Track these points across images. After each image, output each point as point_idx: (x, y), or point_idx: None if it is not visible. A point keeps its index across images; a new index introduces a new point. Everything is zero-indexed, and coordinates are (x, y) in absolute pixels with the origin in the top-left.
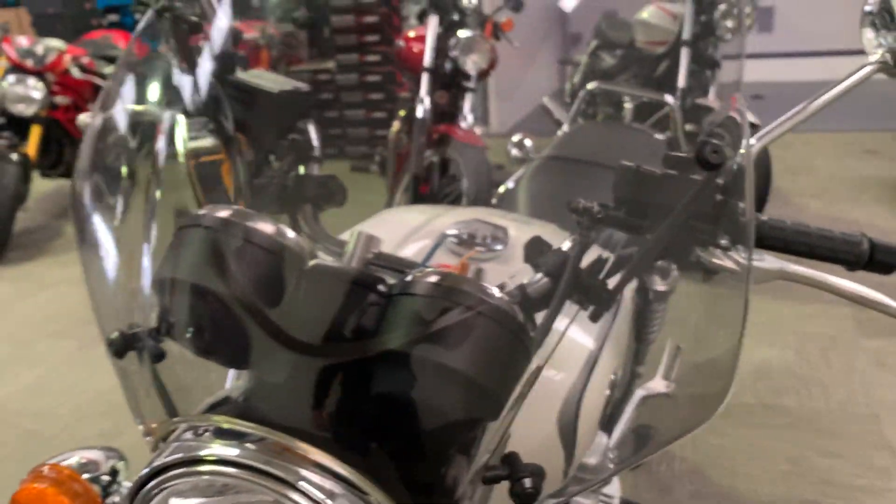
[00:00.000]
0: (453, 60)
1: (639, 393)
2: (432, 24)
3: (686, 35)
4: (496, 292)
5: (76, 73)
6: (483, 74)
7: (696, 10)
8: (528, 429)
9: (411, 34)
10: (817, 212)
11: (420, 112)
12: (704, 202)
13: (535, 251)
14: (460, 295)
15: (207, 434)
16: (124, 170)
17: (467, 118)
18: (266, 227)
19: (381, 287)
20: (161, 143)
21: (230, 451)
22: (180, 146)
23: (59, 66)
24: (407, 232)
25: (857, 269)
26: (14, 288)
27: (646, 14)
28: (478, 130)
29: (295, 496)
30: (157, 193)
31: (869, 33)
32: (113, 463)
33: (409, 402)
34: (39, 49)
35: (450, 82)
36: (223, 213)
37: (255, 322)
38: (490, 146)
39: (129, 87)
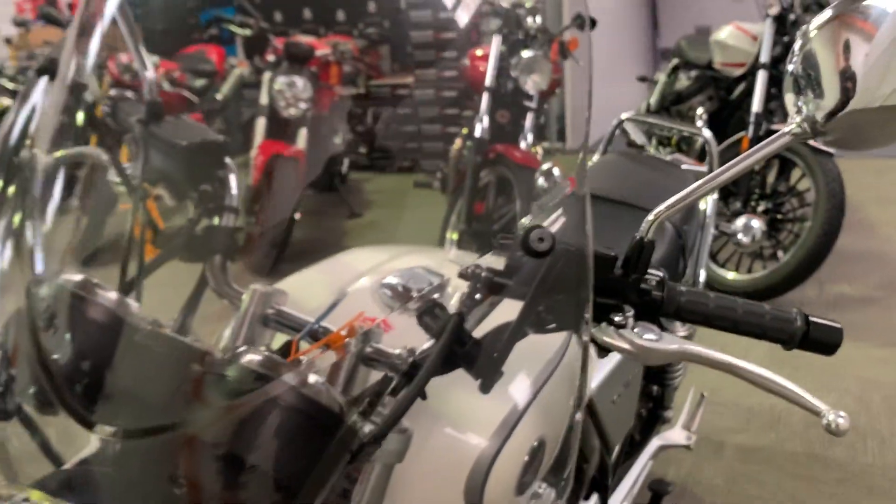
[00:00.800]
0: (514, 80)
1: (655, 442)
2: (495, 44)
3: (764, 57)
4: (312, 378)
5: (167, 86)
6: (545, 95)
7: (776, 30)
8: (430, 495)
9: (479, 52)
10: None
11: (478, 131)
12: (556, 284)
13: (430, 313)
14: (266, 381)
15: None
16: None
17: (527, 138)
18: (103, 298)
19: (196, 365)
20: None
21: None
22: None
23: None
24: (351, 277)
25: (791, 348)
26: None
27: (723, 34)
28: (538, 150)
29: None
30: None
31: (790, 97)
32: None
33: (212, 493)
34: (136, 65)
35: (511, 102)
36: (65, 281)
37: (68, 396)
38: (564, 164)
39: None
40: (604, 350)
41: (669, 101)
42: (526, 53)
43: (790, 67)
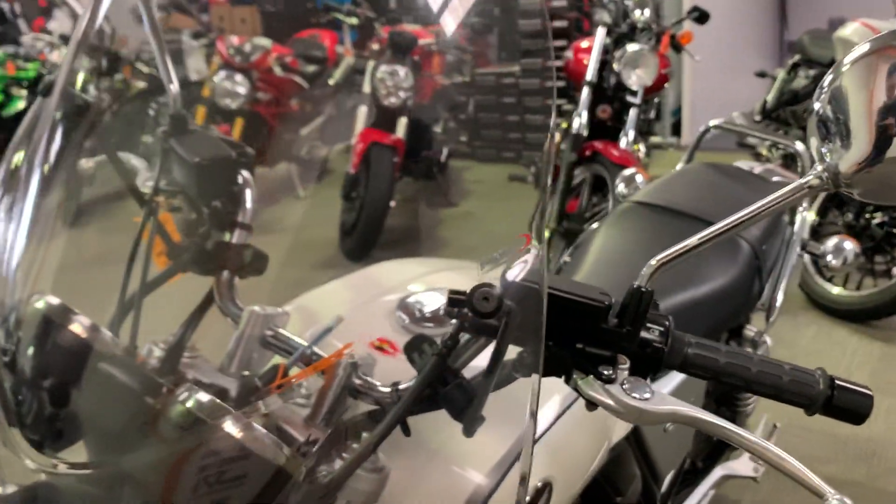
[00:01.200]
0: (617, 75)
1: (718, 471)
2: (599, 36)
3: None
4: (255, 429)
5: (278, 71)
6: (651, 91)
7: None
8: None
9: (584, 44)
10: None
11: (575, 126)
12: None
13: (416, 348)
14: (203, 426)
15: None
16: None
17: (628, 136)
18: (74, 323)
19: (147, 399)
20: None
21: None
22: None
23: (263, 63)
24: (376, 293)
25: (812, 414)
26: None
27: (848, 31)
28: (639, 148)
29: None
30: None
31: (814, 142)
32: None
33: None
34: (247, 47)
35: (613, 97)
36: (38, 303)
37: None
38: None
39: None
40: (591, 404)
41: (785, 101)
42: (631, 47)
43: (816, 106)
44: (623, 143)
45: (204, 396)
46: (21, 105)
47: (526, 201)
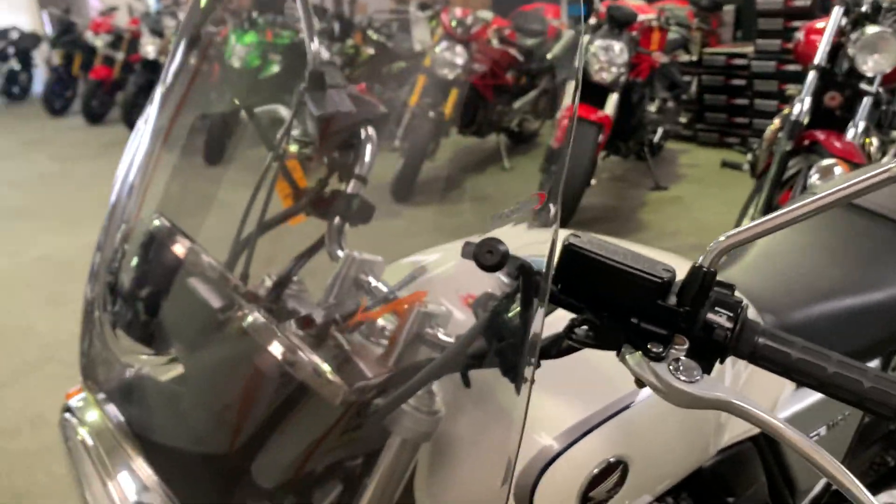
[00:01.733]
0: (851, 59)
1: (884, 497)
2: (834, 16)
3: None
4: (298, 354)
5: (495, 43)
6: (890, 79)
7: None
8: (475, 484)
9: (818, 25)
10: None
11: (795, 111)
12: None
13: (481, 304)
14: (248, 341)
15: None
16: None
17: (857, 127)
18: (179, 244)
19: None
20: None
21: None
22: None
23: (482, 35)
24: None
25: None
26: None
27: None
28: (871, 141)
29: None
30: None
31: None
32: None
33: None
34: (469, 20)
35: (845, 83)
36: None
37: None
38: None
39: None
40: (640, 381)
41: None
42: (871, 29)
43: None
44: (850, 134)
45: (260, 318)
46: (276, 69)
47: (740, 190)
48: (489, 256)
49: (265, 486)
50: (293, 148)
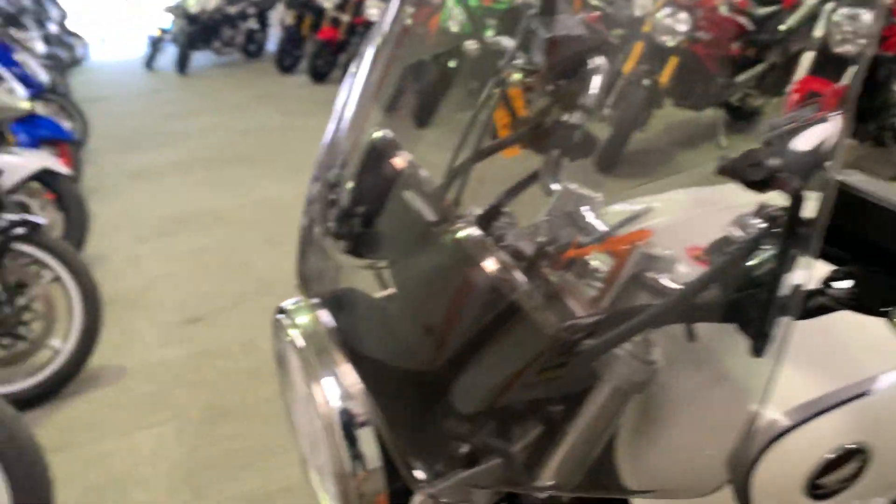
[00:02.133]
0: None
1: None
2: None
3: None
4: (511, 273)
5: (724, 10)
6: None
7: None
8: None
9: None
10: None
11: None
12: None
13: (717, 249)
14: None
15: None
16: None
17: None
18: (399, 158)
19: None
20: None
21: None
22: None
23: (710, 1)
24: (714, 207)
25: None
26: None
27: None
28: None
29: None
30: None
31: None
32: None
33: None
34: None
35: None
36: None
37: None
38: None
39: None
40: None
41: None
42: None
43: None
44: None
45: (475, 231)
46: (490, 33)
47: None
48: (754, 170)
49: (464, 411)
50: (516, 76)
